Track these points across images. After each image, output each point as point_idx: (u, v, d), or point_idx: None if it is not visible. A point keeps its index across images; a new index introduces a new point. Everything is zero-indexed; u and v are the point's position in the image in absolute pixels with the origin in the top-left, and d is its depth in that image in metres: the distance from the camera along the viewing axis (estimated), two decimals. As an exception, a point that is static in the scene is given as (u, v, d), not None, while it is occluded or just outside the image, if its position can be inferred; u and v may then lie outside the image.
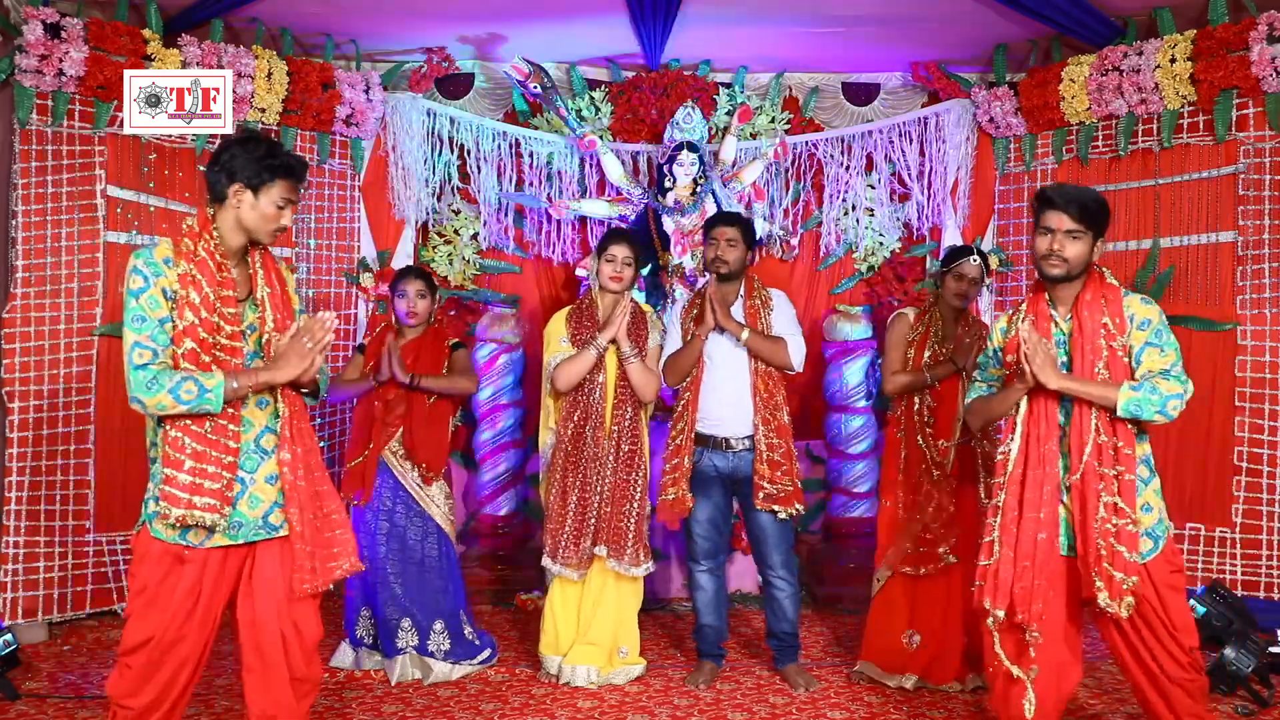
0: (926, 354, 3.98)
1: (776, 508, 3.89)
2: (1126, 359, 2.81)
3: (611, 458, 3.95)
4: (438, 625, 4.08)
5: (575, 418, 3.99)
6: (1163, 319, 2.85)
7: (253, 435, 2.66)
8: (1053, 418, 2.83)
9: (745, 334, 3.88)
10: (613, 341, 3.93)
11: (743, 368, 3.92)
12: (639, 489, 3.96)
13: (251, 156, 2.59)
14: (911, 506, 3.94)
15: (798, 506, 3.92)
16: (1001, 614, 2.82)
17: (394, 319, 4.23)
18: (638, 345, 3.98)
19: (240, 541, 2.66)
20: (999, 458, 2.93)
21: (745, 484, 3.94)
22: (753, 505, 3.92)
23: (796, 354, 3.92)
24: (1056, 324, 2.89)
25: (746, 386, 3.92)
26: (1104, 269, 2.92)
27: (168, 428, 2.56)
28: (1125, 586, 2.72)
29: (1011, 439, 2.88)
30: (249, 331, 2.68)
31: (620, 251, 3.99)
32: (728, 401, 3.93)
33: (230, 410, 2.58)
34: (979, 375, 3.09)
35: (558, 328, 4.07)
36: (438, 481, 4.11)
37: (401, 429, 4.07)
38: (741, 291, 4.02)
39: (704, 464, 3.96)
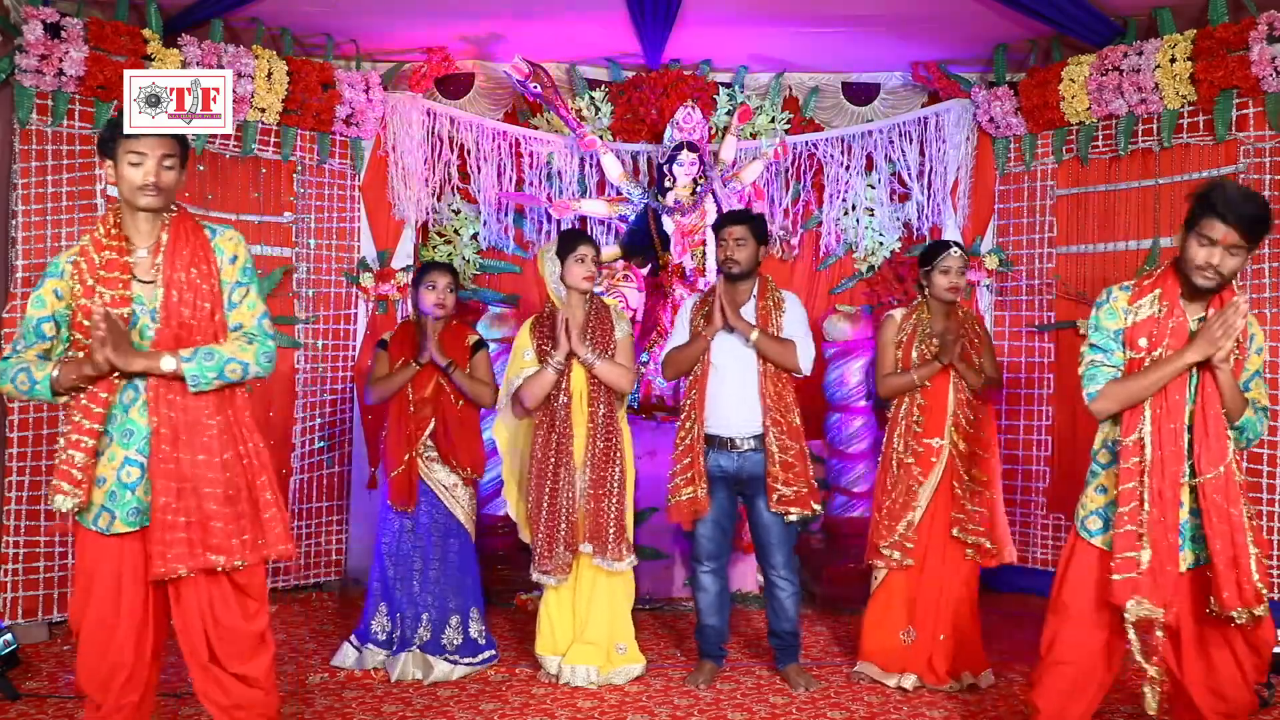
0: (914, 354, 4.00)
1: (793, 511, 3.88)
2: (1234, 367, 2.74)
3: (588, 457, 3.94)
4: (453, 620, 4.11)
5: (544, 427, 4.00)
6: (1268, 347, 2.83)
7: (129, 418, 2.64)
8: (1180, 407, 2.70)
9: (754, 334, 3.88)
10: (571, 355, 3.93)
11: (751, 368, 3.92)
12: (617, 484, 3.95)
13: (106, 126, 2.68)
14: (898, 504, 3.96)
15: (815, 507, 3.92)
16: (1161, 613, 2.70)
17: (414, 313, 4.23)
18: (603, 342, 3.97)
19: (142, 526, 2.64)
20: (1126, 443, 2.75)
21: (751, 483, 3.94)
22: (759, 505, 3.92)
23: (805, 357, 3.92)
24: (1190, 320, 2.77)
25: (754, 387, 3.92)
26: (1236, 286, 2.80)
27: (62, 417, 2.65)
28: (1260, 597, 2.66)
29: (1141, 424, 2.73)
30: (139, 307, 2.65)
31: (589, 251, 4.00)
32: (734, 402, 3.93)
33: (87, 395, 2.59)
34: (1100, 358, 2.83)
35: (523, 342, 4.07)
36: (463, 480, 4.16)
37: (431, 426, 4.09)
38: (754, 291, 4.02)
39: (710, 464, 3.96)
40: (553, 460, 3.95)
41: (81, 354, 2.62)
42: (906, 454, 3.98)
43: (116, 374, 2.59)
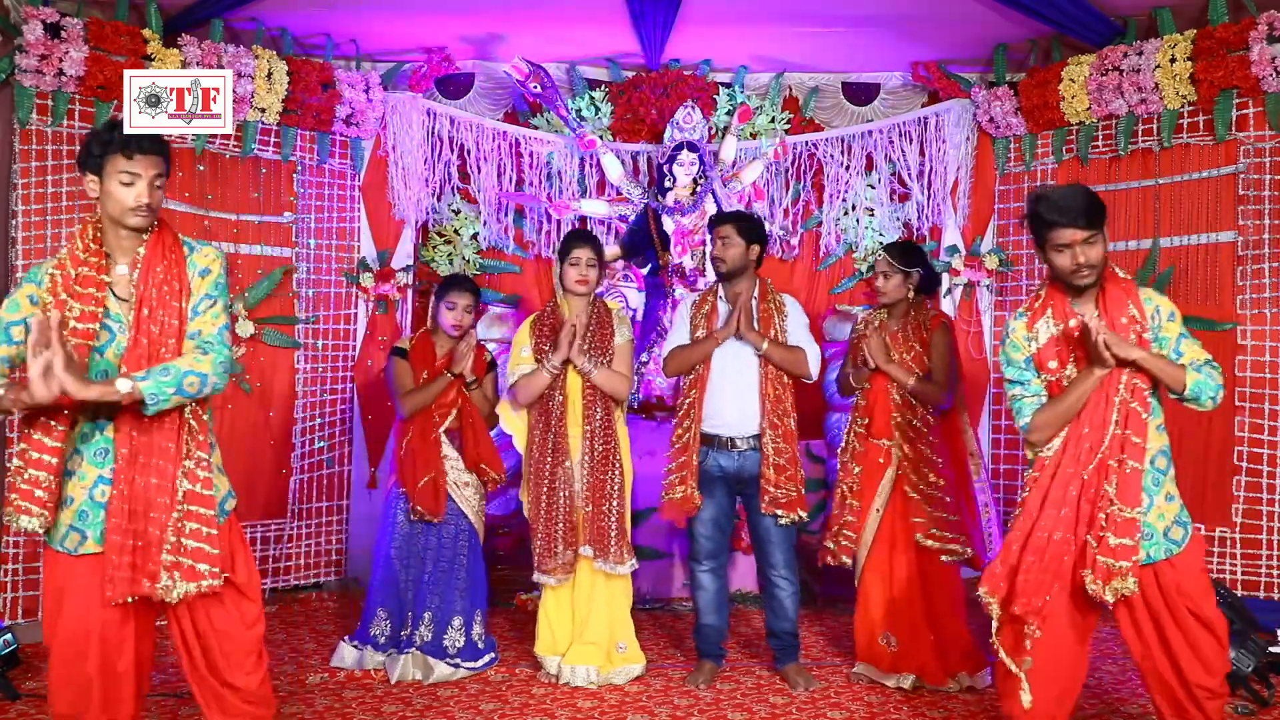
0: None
1: (780, 513, 3.89)
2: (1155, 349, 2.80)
3: (586, 460, 3.94)
4: (456, 622, 4.11)
5: (540, 428, 4.00)
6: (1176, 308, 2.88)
7: (94, 440, 2.59)
8: (1108, 408, 2.76)
9: (765, 344, 3.89)
10: (569, 360, 3.93)
11: (751, 370, 3.92)
12: (617, 488, 3.95)
13: (91, 141, 2.59)
14: (842, 505, 4.02)
15: (800, 514, 3.92)
16: (995, 603, 2.81)
17: (432, 323, 4.25)
18: (602, 347, 3.97)
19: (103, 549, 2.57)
20: (1041, 453, 2.83)
21: (750, 484, 3.94)
22: (756, 505, 3.93)
23: (813, 363, 3.95)
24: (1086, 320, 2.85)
25: (754, 388, 3.92)
26: (1112, 264, 2.90)
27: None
28: (1117, 570, 2.70)
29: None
30: (115, 324, 2.59)
31: (584, 254, 3.99)
32: (734, 402, 3.93)
33: (48, 414, 2.51)
34: (1019, 391, 2.90)
35: (522, 338, 4.07)
36: (473, 482, 4.17)
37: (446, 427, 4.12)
38: (755, 294, 4.02)
39: (709, 464, 3.96)
40: (549, 461, 3.95)
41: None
42: (847, 454, 4.04)
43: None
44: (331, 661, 4.17)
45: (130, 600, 2.56)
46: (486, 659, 4.17)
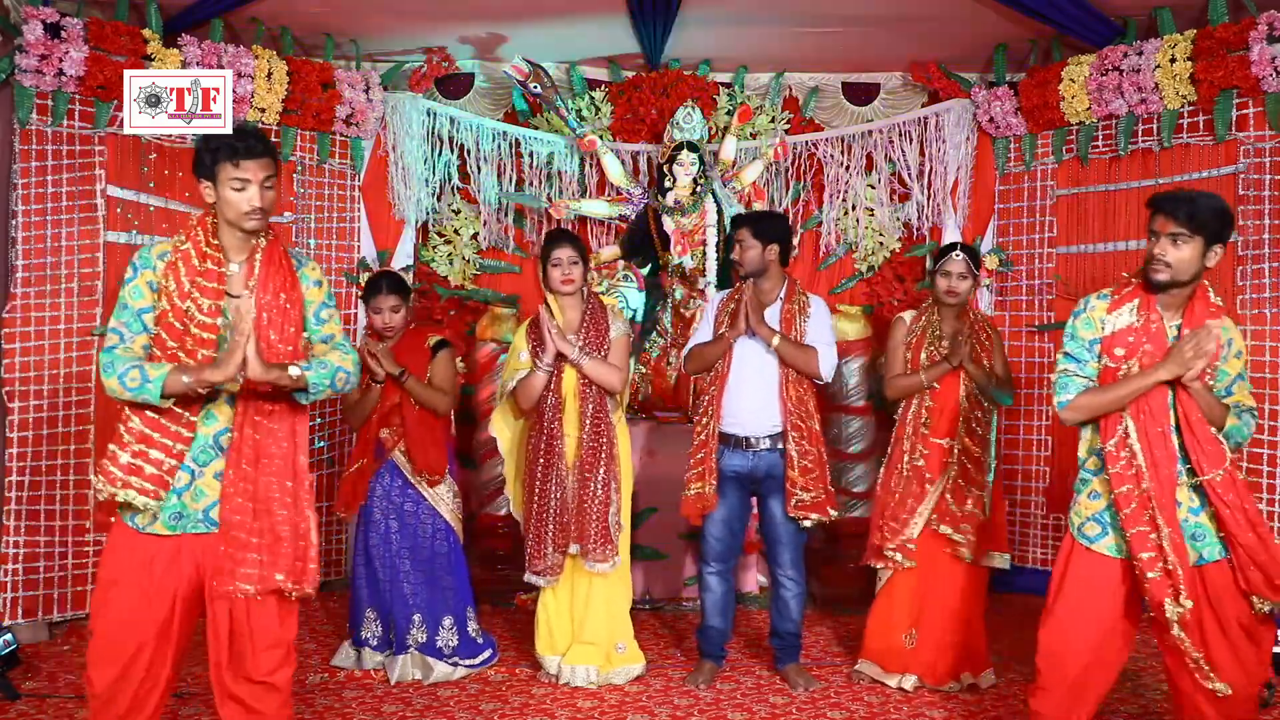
0: (924, 355, 3.99)
1: (810, 516, 3.88)
2: (1212, 380, 2.79)
3: (579, 459, 3.93)
4: (446, 621, 4.10)
5: (536, 428, 4.00)
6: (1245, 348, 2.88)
7: (212, 430, 2.67)
8: (1163, 411, 2.75)
9: (776, 340, 3.88)
10: (560, 356, 3.92)
11: (771, 370, 3.92)
12: (602, 485, 3.93)
13: (202, 149, 2.65)
14: (906, 506, 3.96)
15: (831, 512, 3.92)
16: (1190, 606, 2.73)
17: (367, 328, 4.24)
18: (595, 342, 3.96)
19: (183, 532, 2.66)
20: (1109, 448, 2.79)
21: (766, 482, 3.94)
22: (771, 504, 3.93)
23: (826, 364, 3.92)
24: (1164, 330, 2.81)
25: (773, 389, 3.92)
26: (1209, 284, 2.84)
27: (129, 411, 2.63)
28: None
29: (1121, 428, 2.78)
30: (225, 324, 2.66)
31: (565, 253, 3.97)
32: (752, 402, 3.93)
33: (180, 403, 2.60)
34: (1074, 367, 2.87)
35: (519, 343, 4.07)
36: (445, 480, 4.14)
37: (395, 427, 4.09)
38: (782, 294, 4.01)
39: (724, 464, 3.96)
40: (542, 462, 3.94)
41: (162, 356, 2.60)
42: (916, 456, 3.97)
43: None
44: (333, 661, 4.18)
45: (231, 590, 2.64)
46: (485, 655, 4.16)
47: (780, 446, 3.91)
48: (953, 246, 4.10)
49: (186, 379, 2.55)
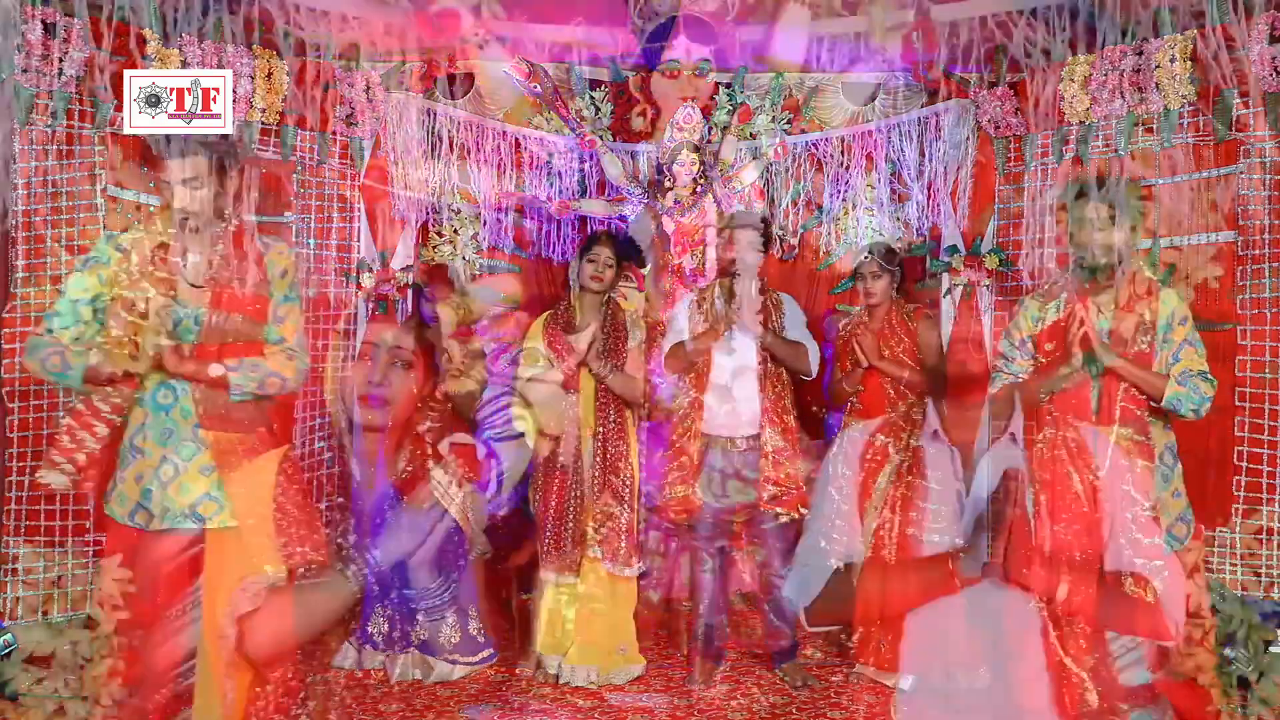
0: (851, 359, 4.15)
1: (781, 511, 3.89)
2: (1149, 349, 2.79)
3: (598, 461, 3.95)
4: (450, 618, 4.11)
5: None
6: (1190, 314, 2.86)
7: (191, 422, 2.69)
8: (1085, 405, 2.78)
9: (767, 336, 3.90)
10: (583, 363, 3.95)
11: (751, 369, 3.93)
12: (627, 490, 3.96)
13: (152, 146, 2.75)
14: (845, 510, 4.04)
15: (801, 509, 3.93)
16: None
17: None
18: (616, 350, 3.98)
19: (170, 527, 2.68)
20: (1038, 446, 2.84)
21: (751, 482, 3.94)
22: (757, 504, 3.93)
23: (813, 359, 3.97)
24: (1100, 312, 2.85)
25: (754, 388, 3.93)
26: (1141, 263, 2.88)
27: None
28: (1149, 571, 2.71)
29: (1048, 430, 2.81)
30: (184, 313, 2.70)
31: (604, 252, 4.08)
32: (733, 402, 3.93)
33: (114, 389, 2.64)
34: (1001, 364, 2.95)
35: (535, 336, 4.09)
36: (454, 476, 4.16)
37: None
38: (754, 291, 4.03)
39: (709, 463, 3.96)
40: (559, 460, 3.95)
41: (101, 342, 2.64)
42: (839, 455, 4.08)
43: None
44: (333, 661, 4.18)
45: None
46: (485, 654, 4.17)
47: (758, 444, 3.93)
48: (866, 249, 4.17)
49: (110, 369, 2.59)
